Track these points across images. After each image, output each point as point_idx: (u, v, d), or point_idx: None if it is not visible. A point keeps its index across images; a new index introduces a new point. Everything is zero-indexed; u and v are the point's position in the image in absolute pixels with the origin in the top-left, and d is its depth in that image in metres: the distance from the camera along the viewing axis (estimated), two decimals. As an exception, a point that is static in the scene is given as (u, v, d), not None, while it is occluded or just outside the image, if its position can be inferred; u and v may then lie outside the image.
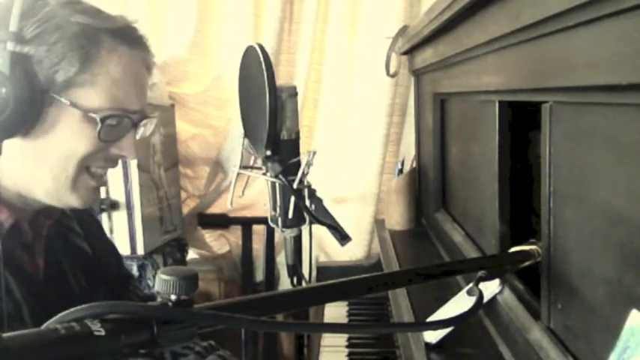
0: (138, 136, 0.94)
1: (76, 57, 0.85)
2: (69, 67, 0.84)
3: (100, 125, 0.86)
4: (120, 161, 0.97)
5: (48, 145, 0.87)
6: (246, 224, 2.26)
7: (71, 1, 0.88)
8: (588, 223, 0.67)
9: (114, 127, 0.89)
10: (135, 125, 0.92)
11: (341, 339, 1.53)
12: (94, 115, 0.86)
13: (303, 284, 0.99)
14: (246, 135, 0.94)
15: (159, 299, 0.49)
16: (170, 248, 2.05)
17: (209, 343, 1.16)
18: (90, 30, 0.86)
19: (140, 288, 1.28)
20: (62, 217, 1.03)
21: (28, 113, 0.83)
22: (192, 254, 2.32)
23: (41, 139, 0.86)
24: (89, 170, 0.91)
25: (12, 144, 0.84)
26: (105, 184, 0.96)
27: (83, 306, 0.45)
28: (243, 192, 1.01)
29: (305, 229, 0.94)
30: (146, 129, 0.95)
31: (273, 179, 0.89)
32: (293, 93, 0.90)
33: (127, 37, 0.91)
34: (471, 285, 0.72)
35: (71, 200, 0.91)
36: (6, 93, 0.80)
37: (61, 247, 1.01)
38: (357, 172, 2.09)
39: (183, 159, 2.21)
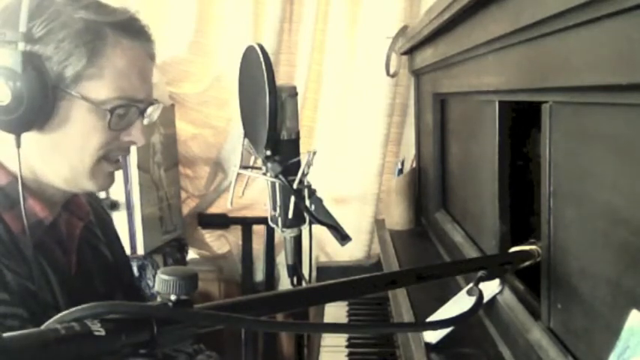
0: (145, 122, 0.98)
1: (83, 52, 0.88)
2: (77, 63, 0.88)
3: (109, 116, 0.90)
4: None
5: (63, 137, 0.91)
6: (246, 224, 2.26)
7: None
8: (588, 223, 0.66)
9: (122, 116, 0.93)
10: (142, 113, 0.97)
11: (341, 339, 1.53)
12: (103, 107, 0.90)
13: (303, 284, 0.99)
14: (246, 135, 0.94)
15: (159, 299, 0.49)
16: (170, 248, 2.05)
17: (199, 346, 1.19)
18: (94, 25, 0.90)
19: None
20: (88, 222, 1.06)
21: (41, 108, 0.86)
22: (192, 254, 2.32)
23: (56, 132, 0.90)
24: (105, 157, 0.95)
25: (29, 137, 0.88)
26: (121, 167, 1.02)
27: (83, 306, 0.45)
28: (243, 192, 1.02)
29: (305, 229, 0.94)
30: (153, 114, 1.00)
31: (273, 179, 0.89)
32: (293, 93, 0.90)
33: (130, 29, 0.94)
34: (471, 285, 0.72)
35: (88, 186, 0.96)
36: (20, 90, 0.84)
37: (89, 250, 1.05)
38: (357, 172, 2.08)
39: (183, 159, 2.21)
